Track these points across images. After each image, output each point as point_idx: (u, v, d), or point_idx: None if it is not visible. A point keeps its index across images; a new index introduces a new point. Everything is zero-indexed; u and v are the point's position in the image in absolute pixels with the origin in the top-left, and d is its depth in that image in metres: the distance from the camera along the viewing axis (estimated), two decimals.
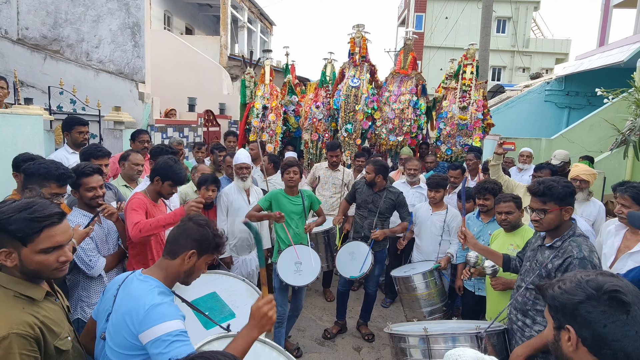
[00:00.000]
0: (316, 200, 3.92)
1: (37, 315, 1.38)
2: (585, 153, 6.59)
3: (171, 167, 2.71)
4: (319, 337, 4.11)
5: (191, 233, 1.68)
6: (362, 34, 6.04)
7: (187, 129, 8.17)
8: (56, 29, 6.59)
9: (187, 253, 1.66)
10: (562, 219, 2.16)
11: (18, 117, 4.06)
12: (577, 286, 1.12)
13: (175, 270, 1.67)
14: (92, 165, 2.62)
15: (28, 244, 1.37)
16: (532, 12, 26.28)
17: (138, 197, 2.73)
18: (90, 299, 2.63)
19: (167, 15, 14.56)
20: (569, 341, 1.11)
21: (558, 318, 1.15)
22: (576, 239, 2.13)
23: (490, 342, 2.28)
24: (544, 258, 2.22)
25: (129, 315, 1.51)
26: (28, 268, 1.39)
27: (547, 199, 2.14)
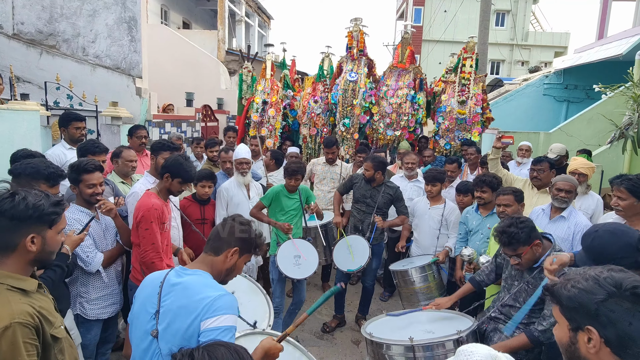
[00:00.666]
0: (311, 195, 3.95)
1: (34, 306, 1.43)
2: (584, 146, 6.60)
3: (181, 164, 2.68)
4: (318, 330, 4.14)
5: (235, 231, 1.73)
6: (359, 27, 6.00)
7: (185, 124, 8.14)
8: (52, 23, 6.53)
9: (230, 250, 1.70)
10: (535, 252, 2.30)
11: (14, 113, 4.04)
12: (596, 284, 1.07)
13: (219, 267, 1.71)
14: (94, 161, 2.60)
15: (53, 226, 1.51)
16: (531, 5, 26.15)
17: (154, 205, 2.60)
18: (89, 295, 2.64)
19: (164, 10, 14.46)
20: (590, 343, 1.06)
21: (575, 319, 1.09)
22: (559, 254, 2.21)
23: (468, 342, 2.31)
24: (535, 278, 2.33)
25: (191, 307, 1.54)
26: (47, 250, 1.51)
27: (515, 246, 2.27)
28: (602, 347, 1.04)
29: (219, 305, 1.53)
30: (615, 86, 4.95)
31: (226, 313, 1.54)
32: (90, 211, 2.62)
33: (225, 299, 1.56)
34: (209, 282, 1.63)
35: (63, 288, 2.34)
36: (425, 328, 2.53)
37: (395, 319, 2.76)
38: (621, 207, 2.58)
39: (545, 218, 3.20)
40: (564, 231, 3.05)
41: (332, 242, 4.30)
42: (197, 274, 1.66)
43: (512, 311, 2.43)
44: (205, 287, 1.60)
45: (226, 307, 1.55)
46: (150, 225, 2.55)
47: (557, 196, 3.10)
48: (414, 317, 2.74)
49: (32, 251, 1.45)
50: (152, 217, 2.55)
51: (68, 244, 2.28)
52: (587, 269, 1.16)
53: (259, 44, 18.53)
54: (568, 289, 1.11)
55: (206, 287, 1.59)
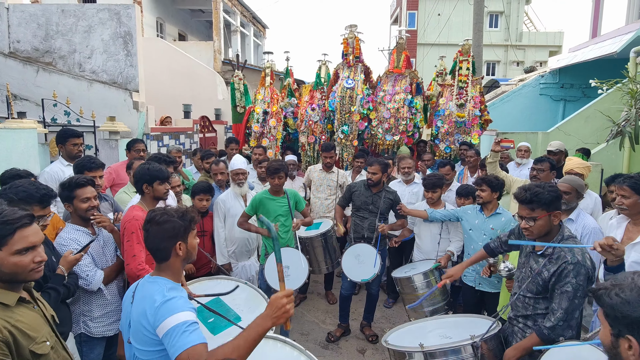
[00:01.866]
0: (301, 200, 3.87)
1: (9, 320, 1.43)
2: (582, 145, 6.60)
3: (149, 169, 2.74)
4: (323, 340, 4.10)
5: (163, 234, 1.69)
6: (354, 34, 6.02)
7: (183, 136, 8.15)
8: (48, 40, 6.57)
9: (174, 249, 1.70)
10: (551, 224, 2.16)
11: (12, 132, 4.04)
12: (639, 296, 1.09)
13: (175, 265, 1.73)
14: (84, 176, 2.60)
15: (3, 247, 1.45)
16: (524, 6, 26.34)
17: (135, 217, 2.62)
18: (92, 313, 2.61)
19: (159, 23, 14.55)
20: (630, 350, 1.09)
21: (617, 327, 1.12)
22: (567, 242, 2.15)
23: (488, 347, 2.28)
24: (538, 265, 2.24)
25: (144, 314, 1.58)
26: (4, 271, 1.45)
27: (534, 206, 2.13)
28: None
29: (164, 308, 1.54)
30: (612, 81, 4.96)
31: (173, 313, 1.52)
32: (87, 229, 2.59)
33: (171, 302, 1.55)
34: (158, 287, 1.63)
35: (64, 310, 2.31)
36: (444, 333, 2.50)
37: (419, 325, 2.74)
38: (625, 205, 2.56)
39: None
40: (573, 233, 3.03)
41: (332, 250, 4.28)
42: (154, 280, 1.68)
43: (517, 301, 2.36)
44: (154, 293, 1.61)
45: (171, 308, 1.54)
46: (131, 237, 2.56)
47: None
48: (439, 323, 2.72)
49: None
50: (132, 228, 2.57)
51: (63, 265, 2.26)
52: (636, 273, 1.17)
53: (255, 54, 18.63)
54: (611, 296, 1.13)
55: (154, 293, 1.61)
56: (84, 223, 2.58)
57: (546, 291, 2.19)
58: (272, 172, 3.61)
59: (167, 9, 14.75)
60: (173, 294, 1.60)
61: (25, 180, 2.33)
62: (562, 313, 2.09)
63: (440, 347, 2.25)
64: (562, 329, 2.10)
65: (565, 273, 2.08)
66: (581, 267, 2.07)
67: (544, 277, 2.18)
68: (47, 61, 6.59)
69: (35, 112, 5.63)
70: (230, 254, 3.88)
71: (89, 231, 2.60)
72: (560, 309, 2.10)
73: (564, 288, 2.09)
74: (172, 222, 1.69)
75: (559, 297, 2.11)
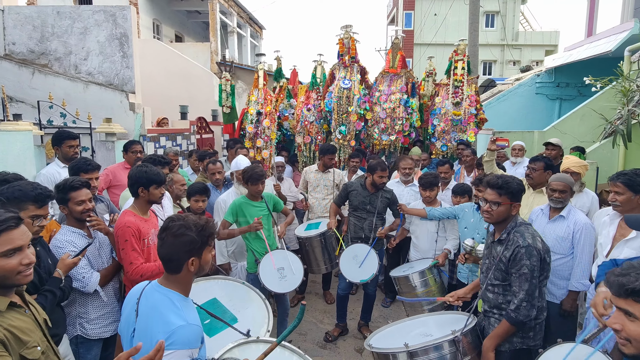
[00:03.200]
0: (278, 201, 3.83)
1: (2, 323, 1.42)
2: (578, 144, 6.61)
3: (145, 172, 2.70)
4: (321, 340, 4.10)
5: (179, 247, 1.65)
6: (350, 34, 6.03)
7: (180, 137, 8.14)
8: (43, 42, 6.55)
9: (187, 263, 1.67)
10: (510, 212, 2.36)
11: (7, 134, 4.03)
12: None
13: (186, 279, 1.71)
14: (79, 179, 2.58)
15: None
16: (520, 6, 26.44)
17: (127, 223, 2.60)
18: (88, 315, 2.61)
19: (156, 24, 14.53)
20: None
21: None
22: (518, 229, 2.34)
23: (467, 340, 2.36)
24: (496, 252, 2.40)
25: (153, 330, 1.56)
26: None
27: (502, 192, 2.33)
28: None
29: (174, 339, 1.54)
30: (606, 79, 4.99)
31: (180, 348, 1.54)
32: (83, 231, 2.59)
33: (183, 333, 1.56)
34: (174, 307, 1.62)
35: (59, 312, 2.30)
36: (425, 332, 2.54)
37: (399, 326, 2.75)
38: (619, 202, 2.58)
39: (545, 218, 3.20)
40: (564, 230, 3.05)
41: (331, 250, 4.28)
42: (166, 294, 1.66)
43: (488, 293, 2.47)
44: (169, 313, 1.59)
45: (181, 342, 1.55)
46: (125, 244, 2.55)
47: (552, 197, 3.10)
48: (419, 322, 2.75)
49: None
50: (126, 236, 2.55)
51: (60, 268, 2.25)
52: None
53: (252, 55, 18.62)
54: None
55: (169, 314, 1.59)
56: (80, 225, 2.58)
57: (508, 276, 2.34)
58: (257, 178, 3.51)
59: (163, 11, 14.73)
60: (189, 317, 1.60)
61: (22, 181, 2.32)
62: (524, 294, 2.23)
63: (424, 345, 2.29)
64: (526, 309, 2.23)
65: (519, 256, 2.25)
66: (532, 249, 2.24)
67: (503, 262, 2.34)
68: (42, 63, 6.57)
69: (31, 114, 5.61)
70: (230, 254, 3.88)
71: (84, 233, 2.59)
72: (521, 291, 2.24)
73: (521, 270, 2.25)
74: (189, 236, 1.63)
75: (518, 280, 2.26)
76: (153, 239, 2.82)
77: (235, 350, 2.01)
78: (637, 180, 2.50)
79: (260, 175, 3.53)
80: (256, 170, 3.57)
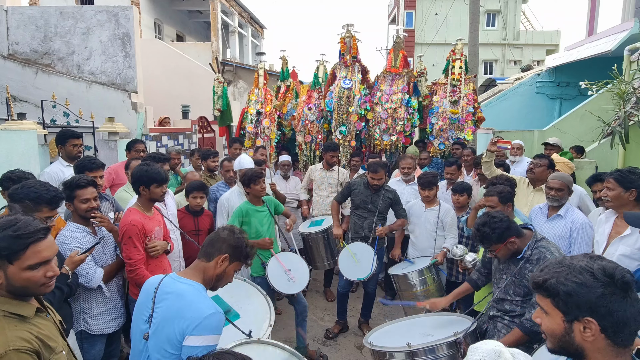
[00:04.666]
0: (278, 204, 3.85)
1: (32, 331, 1.38)
2: (578, 143, 6.65)
3: (147, 171, 2.75)
4: (321, 337, 4.14)
5: (227, 239, 1.80)
6: (352, 33, 6.03)
7: (181, 137, 8.19)
8: (46, 42, 6.61)
9: (220, 257, 1.77)
10: (510, 248, 2.37)
11: (12, 133, 4.08)
12: (592, 277, 1.10)
13: (210, 273, 1.78)
14: (86, 177, 2.63)
15: (14, 262, 1.36)
16: (521, 5, 26.42)
17: (132, 221, 2.66)
18: (92, 311, 2.65)
19: (157, 24, 14.58)
20: (586, 332, 1.10)
21: (573, 312, 1.12)
22: (541, 243, 2.35)
23: (466, 343, 2.35)
24: (521, 268, 2.39)
25: (187, 315, 1.62)
26: (15, 286, 1.38)
27: (487, 244, 2.38)
28: (598, 335, 1.09)
29: (207, 324, 1.61)
30: (601, 83, 5.01)
31: (212, 334, 1.63)
32: (88, 228, 2.64)
33: (214, 319, 1.64)
34: (201, 296, 1.70)
35: (66, 308, 2.35)
36: (425, 332, 2.55)
37: (398, 325, 2.78)
38: (609, 197, 2.64)
39: (543, 217, 3.24)
40: (561, 229, 3.08)
41: (334, 247, 4.33)
42: (189, 283, 1.73)
43: (505, 305, 2.48)
44: (198, 301, 1.67)
45: (213, 327, 1.63)
46: (128, 241, 2.63)
47: (548, 194, 3.14)
48: (418, 322, 2.78)
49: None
50: (130, 234, 2.63)
51: (68, 264, 2.30)
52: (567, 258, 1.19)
53: (253, 54, 18.66)
54: (563, 283, 1.12)
55: (199, 302, 1.66)
56: (85, 222, 2.63)
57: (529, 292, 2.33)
58: (257, 176, 3.51)
59: (165, 10, 14.78)
60: (216, 306, 1.67)
61: (36, 181, 2.36)
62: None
63: (427, 345, 2.29)
64: None
65: None
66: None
67: (528, 278, 2.31)
68: (46, 63, 6.63)
69: (34, 113, 5.66)
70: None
71: (89, 230, 2.64)
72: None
73: None
74: (239, 239, 1.82)
75: None
76: (157, 236, 2.86)
77: (237, 350, 2.05)
78: (628, 177, 2.56)
79: (260, 174, 3.56)
80: (252, 170, 3.60)
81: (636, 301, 1.10)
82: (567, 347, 1.15)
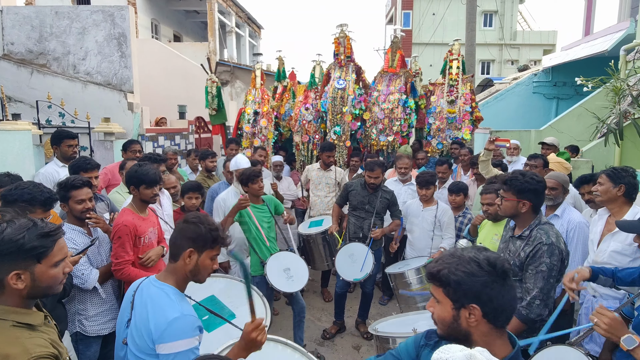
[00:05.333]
0: (279, 204, 3.85)
1: (44, 338, 1.36)
2: (575, 142, 6.66)
3: (136, 171, 2.76)
4: (318, 337, 4.14)
5: (185, 233, 1.70)
6: (345, 33, 6.02)
7: (178, 137, 8.17)
8: (42, 42, 6.58)
9: (185, 253, 1.68)
10: (518, 210, 2.31)
11: (6, 133, 4.05)
12: (478, 266, 1.20)
13: (182, 272, 1.70)
14: (81, 178, 2.61)
15: (43, 260, 1.36)
16: (518, 5, 26.49)
17: (125, 222, 2.66)
18: (87, 312, 2.63)
19: (154, 24, 14.54)
20: (470, 317, 1.20)
21: (461, 300, 1.20)
22: (542, 227, 2.29)
23: None
24: (516, 248, 2.35)
25: (152, 323, 1.58)
26: (40, 286, 1.37)
27: (506, 188, 2.33)
28: (481, 320, 1.20)
29: (173, 330, 1.55)
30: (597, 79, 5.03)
31: (181, 338, 1.55)
32: (83, 229, 2.62)
33: (179, 324, 1.56)
34: (168, 300, 1.63)
35: (60, 309, 2.33)
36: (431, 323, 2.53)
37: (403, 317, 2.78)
38: (599, 192, 2.68)
39: None
40: (558, 229, 3.08)
41: (333, 247, 4.32)
42: (160, 287, 1.68)
43: None
44: (164, 305, 1.61)
45: (179, 332, 1.56)
46: (117, 241, 2.63)
47: None
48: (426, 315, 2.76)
49: (20, 288, 1.33)
50: (120, 234, 2.63)
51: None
52: (458, 250, 1.28)
53: (250, 54, 18.63)
54: (456, 273, 1.20)
55: (164, 306, 1.61)
56: (80, 223, 2.61)
57: (521, 272, 2.31)
58: (255, 175, 3.49)
59: (161, 10, 14.74)
60: (182, 309, 1.60)
61: (29, 182, 2.34)
62: (538, 291, 2.19)
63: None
64: (539, 307, 2.19)
65: (540, 253, 2.20)
66: (555, 248, 2.19)
67: (521, 257, 2.29)
68: (41, 63, 6.59)
69: (29, 113, 5.63)
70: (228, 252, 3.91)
71: (84, 231, 2.62)
72: (536, 288, 2.20)
73: (539, 267, 2.20)
74: (197, 227, 1.67)
75: (534, 277, 2.21)
76: (151, 237, 2.85)
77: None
78: (619, 173, 2.60)
79: (258, 172, 3.55)
80: (250, 169, 3.58)
81: (512, 288, 1.22)
82: (456, 334, 1.23)
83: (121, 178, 3.82)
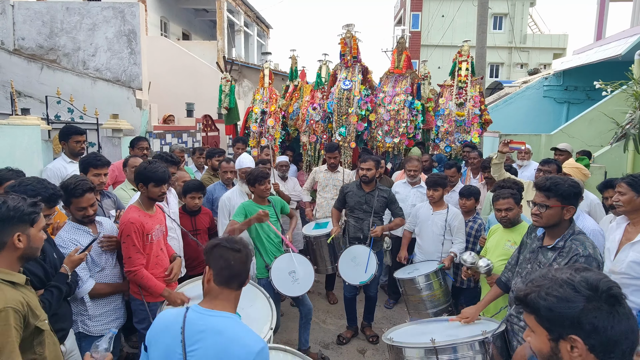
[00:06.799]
0: (285, 204, 3.80)
1: (23, 298, 1.61)
2: (586, 147, 6.56)
3: (145, 169, 2.75)
4: (323, 339, 4.09)
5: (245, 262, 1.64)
6: (352, 33, 5.95)
7: (185, 135, 8.16)
8: (52, 38, 6.59)
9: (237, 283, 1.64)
10: (562, 217, 2.18)
11: (15, 128, 4.05)
12: (573, 290, 1.02)
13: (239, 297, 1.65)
14: (83, 184, 2.53)
15: (34, 225, 1.70)
16: (529, 8, 26.27)
17: (131, 219, 2.64)
18: (91, 312, 2.61)
19: (163, 22, 14.58)
20: (574, 351, 1.02)
21: (557, 330, 1.04)
22: (578, 237, 2.16)
23: (495, 345, 2.26)
24: (547, 259, 2.23)
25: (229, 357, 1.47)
26: (33, 247, 1.71)
27: (551, 195, 2.17)
28: (587, 355, 1.00)
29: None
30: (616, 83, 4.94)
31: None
32: (87, 227, 2.60)
33: (265, 354, 1.51)
34: (244, 329, 1.55)
35: (65, 306, 2.30)
36: (448, 332, 2.46)
37: (417, 325, 2.73)
38: (621, 202, 2.59)
39: None
40: None
41: (338, 251, 4.27)
42: (225, 316, 1.56)
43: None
44: (243, 336, 1.52)
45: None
46: (127, 239, 2.61)
47: None
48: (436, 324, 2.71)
49: (20, 248, 1.65)
50: (128, 231, 2.62)
51: (67, 264, 2.25)
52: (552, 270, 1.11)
53: (258, 53, 18.64)
54: (544, 297, 1.04)
55: (244, 337, 1.52)
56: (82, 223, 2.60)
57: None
58: (263, 177, 3.45)
59: (171, 8, 14.79)
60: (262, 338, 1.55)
61: (34, 179, 2.32)
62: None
63: (452, 343, 2.20)
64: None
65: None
66: (592, 260, 2.06)
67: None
68: (51, 58, 6.61)
69: (39, 109, 5.64)
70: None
71: (89, 230, 2.60)
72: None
73: None
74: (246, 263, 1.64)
75: None
76: (157, 235, 2.82)
77: None
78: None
79: (266, 174, 3.50)
80: (258, 170, 3.55)
81: (626, 317, 1.00)
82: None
83: (126, 175, 3.81)
